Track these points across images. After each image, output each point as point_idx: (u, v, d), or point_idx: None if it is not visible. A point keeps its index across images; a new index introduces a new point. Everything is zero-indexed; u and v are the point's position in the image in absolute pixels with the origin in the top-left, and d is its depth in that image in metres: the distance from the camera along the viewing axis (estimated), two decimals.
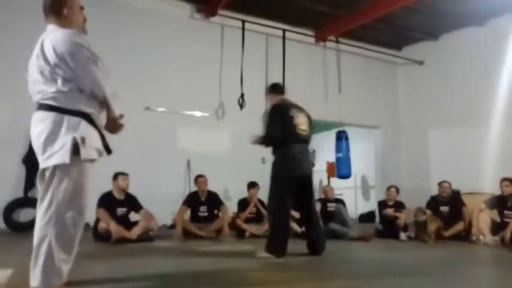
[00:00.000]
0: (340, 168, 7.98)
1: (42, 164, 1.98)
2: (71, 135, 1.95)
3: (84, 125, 2.02)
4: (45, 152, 1.95)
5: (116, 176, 5.00)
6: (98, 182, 5.08)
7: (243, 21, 7.45)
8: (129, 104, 6.46)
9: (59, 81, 1.99)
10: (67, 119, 1.98)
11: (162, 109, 6.90)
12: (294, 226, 5.62)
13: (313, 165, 3.92)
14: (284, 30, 7.88)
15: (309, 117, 3.91)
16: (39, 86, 2.03)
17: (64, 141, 1.95)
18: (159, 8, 6.93)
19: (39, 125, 1.99)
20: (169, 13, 7.06)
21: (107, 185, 5.02)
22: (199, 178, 5.66)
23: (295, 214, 5.81)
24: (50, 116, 1.98)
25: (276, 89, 4.10)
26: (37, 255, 1.93)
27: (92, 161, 2.11)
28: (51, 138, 1.95)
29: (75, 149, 1.95)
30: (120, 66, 6.48)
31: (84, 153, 1.98)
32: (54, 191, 1.94)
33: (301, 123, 3.78)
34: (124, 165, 5.22)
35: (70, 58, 1.97)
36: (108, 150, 2.20)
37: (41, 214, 1.95)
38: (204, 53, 7.31)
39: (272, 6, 7.32)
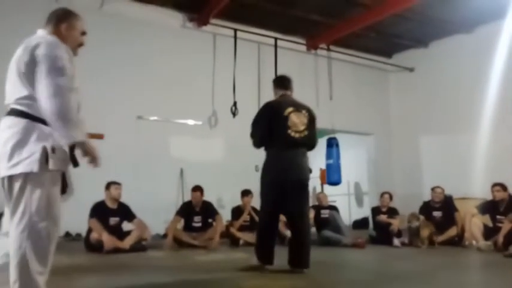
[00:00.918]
0: (331, 175, 8.00)
1: (6, 172, 1.91)
2: (41, 144, 1.90)
3: (56, 136, 1.95)
4: (12, 159, 1.89)
5: (108, 186, 4.97)
6: (90, 191, 5.11)
7: (235, 30, 7.49)
8: (121, 113, 6.50)
9: (33, 86, 1.93)
10: (38, 128, 1.92)
11: (155, 118, 6.88)
12: (288, 233, 5.60)
13: (309, 171, 3.48)
14: (276, 39, 7.92)
15: (310, 116, 3.49)
16: (14, 88, 1.97)
17: (33, 150, 1.89)
18: (151, 17, 6.95)
19: (8, 130, 1.93)
20: (162, 22, 7.07)
21: (100, 195, 4.98)
22: (195, 192, 5.57)
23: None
24: (21, 122, 1.92)
25: (278, 83, 3.71)
26: (13, 268, 1.88)
27: (60, 171, 2.04)
28: (19, 145, 1.89)
29: (45, 159, 1.90)
30: (112, 75, 6.50)
31: (54, 163, 1.92)
32: (27, 201, 1.89)
33: (298, 124, 3.37)
34: (117, 175, 5.20)
35: (43, 63, 1.91)
36: (75, 163, 2.12)
37: (14, 226, 1.89)
38: (196, 62, 7.32)
39: (264, 15, 7.37)
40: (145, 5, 6.87)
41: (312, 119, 3.48)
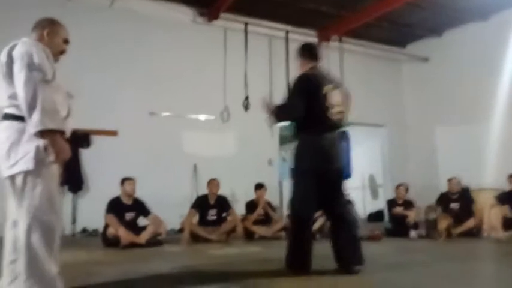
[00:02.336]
0: (344, 169, 7.91)
1: (7, 172, 2.02)
2: (34, 143, 1.97)
3: None
4: (9, 160, 1.99)
5: (122, 182, 5.03)
6: (106, 188, 5.15)
7: (246, 24, 7.44)
8: (134, 109, 6.53)
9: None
10: (29, 128, 1.99)
11: (167, 114, 6.90)
12: None
13: (347, 156, 3.07)
14: (287, 31, 7.86)
15: (347, 95, 3.08)
16: (1, 91, 2.07)
17: (27, 149, 1.98)
18: (162, 13, 6.94)
19: (3, 134, 2.04)
20: (172, 18, 7.07)
21: (115, 191, 5.03)
22: (212, 181, 5.65)
23: None
24: (13, 124, 2.02)
25: (308, 52, 3.10)
26: (23, 263, 1.94)
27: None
28: (14, 146, 1.99)
29: (39, 156, 1.98)
30: (124, 72, 6.53)
31: (48, 159, 2.00)
32: (30, 198, 1.98)
33: (337, 103, 2.92)
34: (131, 170, 5.24)
35: (17, 61, 1.98)
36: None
37: (20, 221, 1.99)
38: (207, 56, 7.31)
39: (274, 7, 7.31)
40: (155, 1, 6.86)
41: (348, 98, 3.08)
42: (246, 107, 7.29)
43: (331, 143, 2.91)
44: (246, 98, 7.28)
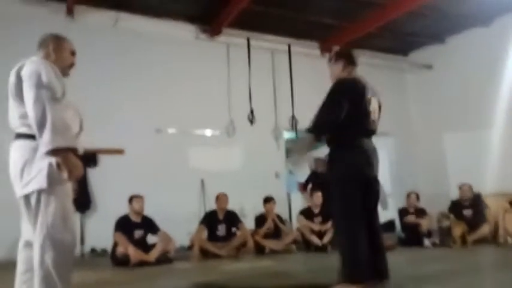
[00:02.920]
0: None
1: (21, 191, 2.01)
2: (47, 161, 1.97)
3: None
4: (23, 179, 1.99)
5: (130, 199, 5.00)
6: (114, 207, 5.12)
7: (248, 38, 7.49)
8: (140, 127, 6.54)
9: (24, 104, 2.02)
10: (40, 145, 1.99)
11: (173, 130, 6.90)
12: (314, 239, 5.52)
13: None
14: (289, 45, 7.90)
15: (381, 104, 3.00)
16: (12, 111, 2.09)
17: (40, 167, 1.97)
18: (165, 31, 7.00)
19: (15, 153, 2.05)
20: (175, 36, 7.12)
21: (123, 210, 5.00)
22: (220, 196, 5.61)
23: (314, 226, 5.72)
24: (25, 143, 2.03)
25: (349, 56, 3.00)
26: (38, 282, 1.93)
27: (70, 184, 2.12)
28: (28, 164, 1.99)
29: (53, 174, 1.97)
30: (129, 90, 6.57)
31: (61, 177, 1.99)
32: (43, 216, 1.97)
33: (374, 111, 2.86)
34: (139, 188, 5.21)
35: (26, 81, 1.99)
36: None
37: (35, 240, 1.97)
38: (211, 72, 7.34)
39: (276, 21, 7.36)
40: (158, 20, 6.93)
41: (380, 108, 2.99)
42: (251, 121, 7.28)
43: (372, 150, 2.84)
44: (251, 112, 7.29)
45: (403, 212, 6.08)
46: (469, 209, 5.78)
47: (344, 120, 2.68)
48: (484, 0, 6.96)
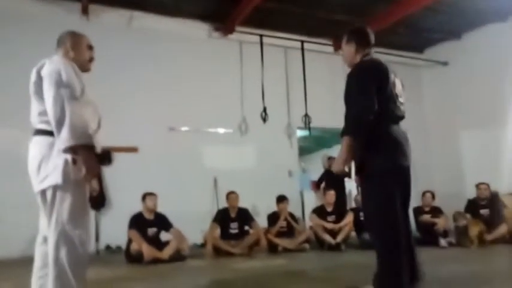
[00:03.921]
0: None
1: (38, 186, 2.04)
2: (63, 156, 1.98)
3: None
4: (39, 174, 2.02)
5: (144, 197, 5.04)
6: (128, 204, 5.17)
7: (261, 36, 7.46)
8: (153, 125, 6.58)
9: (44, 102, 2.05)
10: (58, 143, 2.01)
11: (186, 128, 6.92)
12: (327, 237, 5.48)
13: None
14: (302, 42, 7.85)
15: (403, 84, 2.64)
16: (32, 108, 2.13)
17: (56, 163, 2.00)
18: (178, 30, 7.03)
19: (34, 149, 2.08)
20: (188, 34, 7.15)
21: (137, 207, 5.04)
22: (230, 194, 5.60)
23: (327, 225, 5.68)
24: (43, 139, 2.05)
25: (364, 37, 2.62)
26: (53, 278, 1.94)
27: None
28: (45, 160, 2.02)
29: (68, 170, 1.99)
30: (143, 89, 6.61)
31: (77, 173, 2.00)
32: (59, 212, 1.99)
33: (400, 93, 2.54)
34: (152, 186, 5.25)
35: (46, 79, 2.03)
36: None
37: (50, 235, 2.00)
38: (224, 70, 7.35)
39: (289, 19, 7.32)
40: (171, 19, 6.96)
41: (404, 89, 2.65)
42: (264, 119, 7.27)
43: (404, 136, 2.49)
44: (264, 110, 7.27)
45: (418, 211, 5.99)
46: (486, 208, 5.67)
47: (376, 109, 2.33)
48: None
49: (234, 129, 7.26)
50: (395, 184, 2.35)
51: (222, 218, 5.50)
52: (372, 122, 2.29)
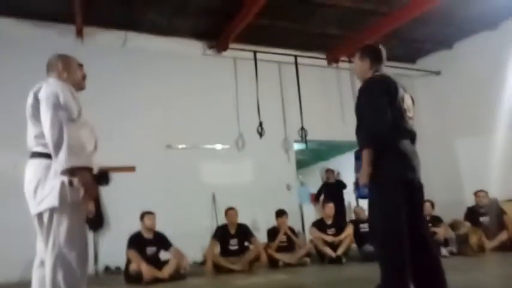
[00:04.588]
0: (360, 189, 7.75)
1: (35, 209, 2.03)
2: (60, 179, 1.99)
3: None
4: (36, 197, 2.02)
5: (142, 216, 5.00)
6: (126, 224, 5.13)
7: (255, 52, 7.55)
8: (150, 144, 6.59)
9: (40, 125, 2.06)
10: (55, 164, 2.01)
11: (183, 146, 6.93)
12: (327, 250, 5.45)
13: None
14: (296, 56, 7.94)
15: (413, 100, 2.71)
16: (29, 131, 2.14)
17: (53, 185, 2.00)
18: (173, 49, 7.10)
19: (30, 172, 2.08)
20: (183, 53, 7.21)
21: (136, 226, 5.00)
22: (229, 211, 5.57)
23: (327, 238, 5.65)
24: (39, 162, 2.06)
25: (376, 54, 2.73)
26: None
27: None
28: (41, 183, 2.02)
29: (65, 193, 1.99)
30: (139, 108, 6.63)
31: (73, 196, 2.00)
32: (55, 234, 1.98)
33: (409, 108, 2.61)
34: (150, 205, 5.22)
35: (43, 102, 2.04)
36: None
37: (47, 259, 1.98)
38: (219, 87, 7.40)
39: (282, 34, 7.41)
40: (165, 38, 7.04)
41: (414, 104, 2.72)
42: (261, 134, 7.30)
43: (412, 150, 2.58)
44: (260, 125, 7.30)
45: None
46: (485, 216, 5.66)
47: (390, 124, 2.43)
48: (489, 3, 6.93)
49: (231, 145, 7.27)
50: (401, 196, 2.40)
51: (221, 234, 5.46)
52: (388, 135, 2.39)
